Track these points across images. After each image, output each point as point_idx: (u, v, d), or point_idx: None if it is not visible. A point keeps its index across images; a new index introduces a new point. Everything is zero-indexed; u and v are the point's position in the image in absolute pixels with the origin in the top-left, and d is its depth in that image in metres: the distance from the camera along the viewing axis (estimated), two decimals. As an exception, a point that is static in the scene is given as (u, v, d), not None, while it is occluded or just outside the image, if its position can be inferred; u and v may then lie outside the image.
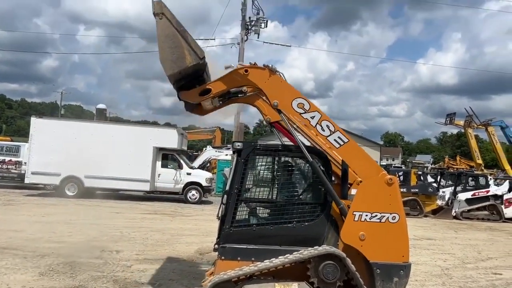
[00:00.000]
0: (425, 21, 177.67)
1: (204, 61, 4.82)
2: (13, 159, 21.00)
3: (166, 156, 18.98)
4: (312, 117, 5.10)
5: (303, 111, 5.10)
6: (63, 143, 17.45)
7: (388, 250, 4.89)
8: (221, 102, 5.36)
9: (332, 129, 5.08)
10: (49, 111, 78.05)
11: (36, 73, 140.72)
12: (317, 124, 5.09)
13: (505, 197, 19.38)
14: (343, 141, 5.08)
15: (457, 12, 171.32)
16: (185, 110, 5.45)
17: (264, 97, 5.22)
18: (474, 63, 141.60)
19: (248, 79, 5.08)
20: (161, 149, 18.69)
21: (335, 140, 5.08)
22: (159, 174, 18.59)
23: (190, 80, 5.02)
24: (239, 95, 5.29)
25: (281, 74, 5.20)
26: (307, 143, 5.19)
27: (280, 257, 4.78)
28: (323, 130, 5.08)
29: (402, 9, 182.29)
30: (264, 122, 5.30)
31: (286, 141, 5.54)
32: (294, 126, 5.16)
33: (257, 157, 5.17)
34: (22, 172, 19.23)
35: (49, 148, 17.37)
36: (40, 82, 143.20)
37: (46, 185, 19.47)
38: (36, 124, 18.10)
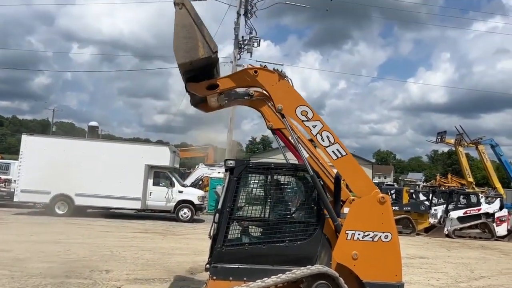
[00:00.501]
0: (415, 41, 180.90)
1: (217, 56, 4.85)
2: (3, 177, 20.79)
3: (158, 174, 18.85)
4: (314, 126, 5.13)
5: (306, 119, 5.13)
6: (54, 160, 17.25)
7: (381, 269, 4.87)
8: (226, 101, 5.40)
9: (332, 140, 5.11)
10: (41, 128, 77.64)
11: (28, 91, 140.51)
12: (318, 134, 5.11)
13: (496, 215, 19.43)
14: (341, 153, 5.10)
15: (445, 33, 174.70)
16: (190, 104, 5.47)
17: (269, 104, 5.27)
18: (463, 82, 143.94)
19: (257, 80, 5.12)
20: (153, 167, 18.58)
21: (333, 151, 5.09)
22: (150, 192, 18.44)
23: (200, 73, 5.04)
24: (245, 97, 5.34)
25: (289, 80, 5.25)
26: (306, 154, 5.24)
27: (272, 276, 4.73)
28: (323, 140, 5.10)
29: (392, 29, 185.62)
30: (264, 132, 5.35)
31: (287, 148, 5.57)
32: (296, 136, 5.20)
33: (250, 175, 5.16)
34: (12, 190, 18.98)
35: (39, 165, 17.15)
36: (32, 99, 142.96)
37: (35, 204, 19.20)
38: (27, 141, 17.95)
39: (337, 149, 5.10)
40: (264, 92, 5.31)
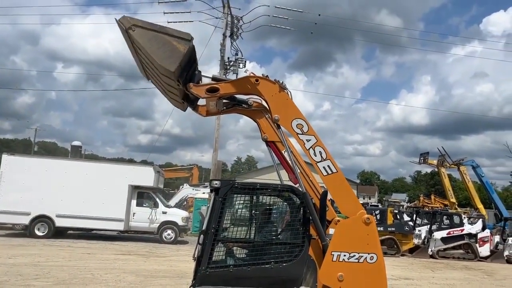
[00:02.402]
0: (396, 64, 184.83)
1: (192, 41, 4.81)
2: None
3: (142, 195, 18.62)
4: (308, 140, 5.14)
5: (301, 132, 5.14)
6: (35, 181, 17.00)
7: (367, 291, 4.83)
8: (225, 108, 5.40)
9: (324, 156, 5.12)
10: (22, 147, 76.22)
11: (10, 110, 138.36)
12: (311, 148, 5.12)
13: (479, 236, 19.64)
14: (331, 170, 5.11)
15: (426, 56, 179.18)
16: (189, 106, 5.44)
17: (267, 116, 5.28)
18: (444, 104, 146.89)
19: (258, 88, 5.13)
20: (136, 187, 18.36)
21: (324, 167, 5.10)
22: (134, 213, 18.16)
23: (190, 68, 5.01)
24: (244, 106, 5.35)
25: (289, 92, 5.28)
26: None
27: (257, 299, 4.65)
28: (315, 155, 5.10)
29: (374, 52, 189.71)
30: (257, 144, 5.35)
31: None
32: (290, 150, 5.21)
33: (235, 195, 5.13)
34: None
35: (20, 186, 16.84)
36: (14, 119, 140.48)
37: (14, 225, 18.70)
38: (8, 161, 17.59)
39: (328, 166, 5.12)
40: (263, 103, 5.33)
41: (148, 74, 5.62)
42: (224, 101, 5.40)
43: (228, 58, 25.15)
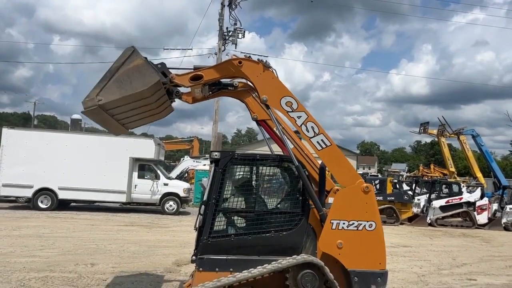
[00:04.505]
0: (397, 33, 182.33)
1: (135, 48, 4.76)
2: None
3: (143, 167, 18.73)
4: (299, 117, 5.13)
5: (291, 110, 5.13)
6: (36, 154, 17.07)
7: (366, 257, 4.93)
8: (211, 93, 5.38)
9: (317, 131, 5.13)
10: (22, 121, 76.17)
11: (8, 83, 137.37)
12: (303, 124, 5.12)
13: (477, 204, 19.86)
14: (325, 144, 5.12)
15: (427, 25, 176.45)
16: (175, 96, 5.43)
17: (254, 95, 5.26)
18: (444, 73, 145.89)
19: (241, 71, 5.09)
20: (137, 159, 18.45)
21: (318, 142, 5.11)
22: (135, 185, 18.32)
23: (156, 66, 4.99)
24: (230, 88, 5.33)
25: (274, 71, 5.22)
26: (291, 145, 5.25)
27: (258, 267, 4.75)
28: (308, 131, 5.11)
29: (374, 21, 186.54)
30: (250, 121, 5.34)
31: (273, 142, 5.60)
32: (280, 127, 5.21)
33: (235, 166, 5.16)
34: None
35: (21, 159, 16.94)
36: (12, 92, 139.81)
37: (18, 198, 18.91)
38: (8, 135, 17.60)
39: (322, 140, 5.13)
40: (249, 83, 5.30)
41: (127, 125, 5.58)
42: (209, 85, 5.35)
43: (227, 28, 24.82)
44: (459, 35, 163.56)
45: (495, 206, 21.23)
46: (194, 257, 5.04)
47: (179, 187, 19.24)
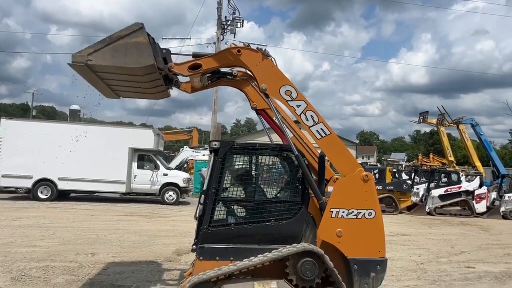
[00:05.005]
0: (396, 22, 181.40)
1: (143, 26, 4.64)
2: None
3: (142, 157, 18.73)
4: (298, 106, 5.09)
5: (290, 99, 5.09)
6: (35, 145, 17.06)
7: (365, 246, 4.95)
8: (210, 82, 5.35)
9: (316, 120, 5.10)
10: (20, 112, 75.96)
11: (5, 74, 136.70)
12: (302, 113, 5.09)
13: (476, 192, 19.92)
14: (325, 133, 5.10)
15: (426, 14, 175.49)
16: (174, 85, 5.40)
17: (253, 84, 5.22)
18: (443, 63, 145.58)
19: (240, 59, 5.04)
20: (137, 150, 18.43)
21: (317, 131, 5.09)
22: (135, 176, 18.34)
23: (159, 50, 4.91)
24: (228, 77, 5.30)
25: (273, 59, 5.17)
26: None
27: (259, 255, 4.77)
28: (307, 120, 5.09)
29: (374, 10, 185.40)
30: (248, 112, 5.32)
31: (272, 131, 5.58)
32: (280, 116, 5.19)
33: (235, 156, 5.15)
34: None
35: (20, 150, 16.93)
36: (10, 83, 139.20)
37: (17, 189, 18.94)
38: (7, 125, 17.57)
39: (321, 129, 5.11)
40: (248, 72, 5.26)
41: (118, 92, 5.50)
42: (208, 75, 5.31)
43: (226, 17, 24.65)
44: (458, 23, 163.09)
45: (493, 194, 21.31)
46: (194, 246, 5.05)
47: (179, 177, 19.26)
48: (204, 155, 25.99)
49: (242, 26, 24.63)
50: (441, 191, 19.90)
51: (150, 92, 5.49)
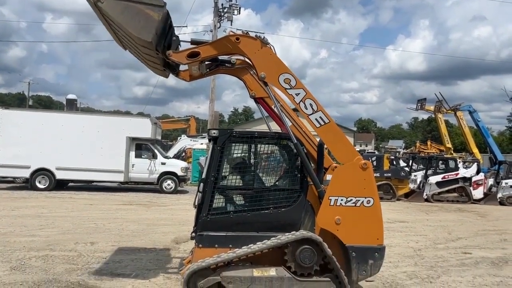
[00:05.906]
0: (394, 8, 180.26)
1: (165, 5, 4.65)
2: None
3: (140, 146, 18.69)
4: (297, 94, 5.08)
5: (289, 87, 5.07)
6: (32, 134, 17.00)
7: (363, 233, 4.98)
8: (208, 70, 5.32)
9: (315, 108, 5.09)
10: (17, 102, 75.61)
11: (1, 63, 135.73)
12: (301, 102, 5.08)
13: (473, 179, 20.02)
14: (324, 121, 5.10)
15: (424, 0, 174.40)
16: (171, 73, 5.36)
17: (252, 72, 5.20)
18: (441, 49, 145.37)
19: (239, 47, 5.01)
20: (134, 139, 18.39)
21: (316, 119, 5.09)
22: (133, 165, 18.32)
23: (167, 35, 4.88)
24: (227, 65, 5.27)
25: (272, 47, 5.14)
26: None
27: (257, 243, 4.80)
28: (306, 108, 5.07)
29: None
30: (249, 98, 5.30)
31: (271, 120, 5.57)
32: (278, 105, 5.17)
33: (233, 144, 5.15)
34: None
35: (17, 140, 16.88)
36: (6, 72, 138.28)
37: (15, 178, 18.91)
38: (3, 115, 17.46)
39: (320, 117, 5.10)
40: (247, 60, 5.22)
41: (124, 44, 5.44)
42: (207, 63, 5.26)
43: (222, 4, 24.42)
44: (456, 9, 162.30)
45: (491, 181, 21.40)
46: (193, 234, 5.08)
47: (177, 166, 19.25)
48: (202, 144, 25.97)
49: (239, 13, 24.49)
50: (438, 178, 19.98)
51: (147, 62, 5.47)
